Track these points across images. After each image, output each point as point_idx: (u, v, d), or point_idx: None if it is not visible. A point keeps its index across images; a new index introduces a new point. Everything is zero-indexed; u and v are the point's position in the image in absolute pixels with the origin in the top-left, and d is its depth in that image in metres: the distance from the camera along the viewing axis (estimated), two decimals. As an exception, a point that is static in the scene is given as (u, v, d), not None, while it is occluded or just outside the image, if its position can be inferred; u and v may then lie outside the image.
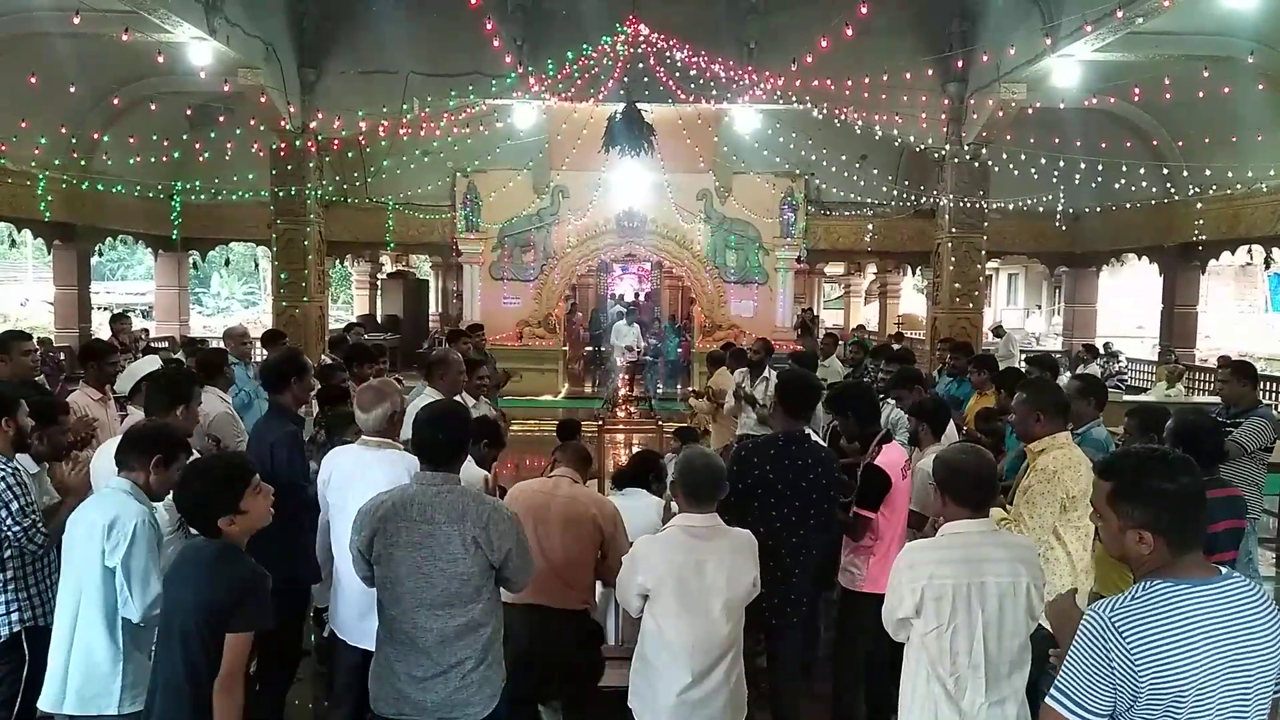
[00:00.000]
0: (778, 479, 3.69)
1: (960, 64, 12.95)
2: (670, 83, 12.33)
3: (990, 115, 12.64)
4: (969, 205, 13.54)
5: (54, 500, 3.73)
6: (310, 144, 13.50)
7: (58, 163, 12.50)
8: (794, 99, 12.56)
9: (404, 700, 2.87)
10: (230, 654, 2.50)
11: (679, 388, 15.75)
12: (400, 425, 3.55)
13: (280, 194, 13.50)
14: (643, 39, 12.06)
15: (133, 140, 12.85)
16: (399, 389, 3.80)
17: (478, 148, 14.46)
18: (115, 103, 12.92)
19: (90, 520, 2.89)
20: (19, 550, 3.35)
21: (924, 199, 14.50)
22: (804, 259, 15.97)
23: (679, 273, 15.94)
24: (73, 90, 11.27)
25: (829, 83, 11.94)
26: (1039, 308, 26.99)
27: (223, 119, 13.00)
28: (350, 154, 14.33)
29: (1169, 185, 13.64)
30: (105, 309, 21.77)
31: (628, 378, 15.97)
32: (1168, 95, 11.49)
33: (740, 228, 15.30)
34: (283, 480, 3.35)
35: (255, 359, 8.54)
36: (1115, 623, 1.87)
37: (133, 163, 13.34)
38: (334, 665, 3.66)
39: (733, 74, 12.40)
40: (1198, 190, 13.18)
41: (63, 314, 14.40)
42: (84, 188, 12.99)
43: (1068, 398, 4.04)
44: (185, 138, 13.74)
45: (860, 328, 18.17)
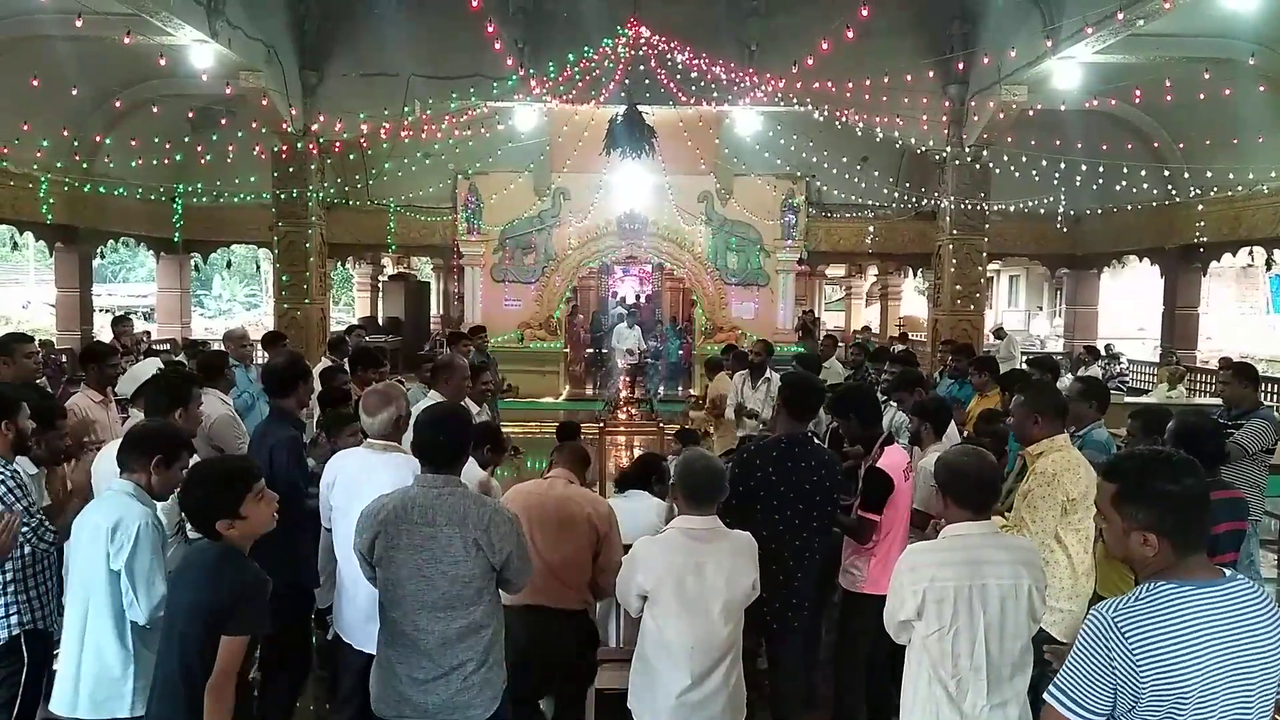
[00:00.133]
0: (780, 481, 3.68)
1: (961, 66, 12.94)
2: (671, 85, 12.33)
3: (991, 117, 12.64)
4: (970, 207, 13.54)
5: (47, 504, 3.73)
6: (312, 146, 13.52)
7: (59, 165, 12.52)
8: (795, 101, 12.56)
9: (405, 702, 2.87)
10: (224, 656, 2.49)
11: (680, 389, 15.75)
12: (405, 428, 3.55)
13: (282, 196, 13.52)
14: (644, 41, 12.05)
15: (134, 143, 12.86)
16: (404, 393, 3.80)
17: (479, 150, 14.47)
18: (117, 105, 12.93)
19: (94, 523, 2.89)
20: (23, 549, 3.33)
21: (925, 201, 14.49)
22: (805, 261, 15.97)
23: (680, 275, 15.93)
24: (74, 93, 11.30)
25: (830, 85, 11.95)
26: (1040, 309, 26.95)
27: (224, 121, 13.00)
28: (351, 156, 14.34)
29: (1170, 187, 13.64)
30: (107, 311, 21.76)
31: (629, 380, 15.97)
32: (1169, 97, 11.49)
33: (741, 230, 15.29)
34: (283, 485, 3.35)
35: (256, 361, 8.54)
36: (1118, 623, 1.87)
37: (134, 165, 13.37)
38: (338, 668, 3.65)
39: (733, 76, 12.40)
40: (1199, 192, 13.18)
41: (64, 316, 14.40)
42: (86, 190, 13.01)
43: (1066, 400, 4.03)
44: (187, 140, 13.75)
45: (866, 329, 18.19)
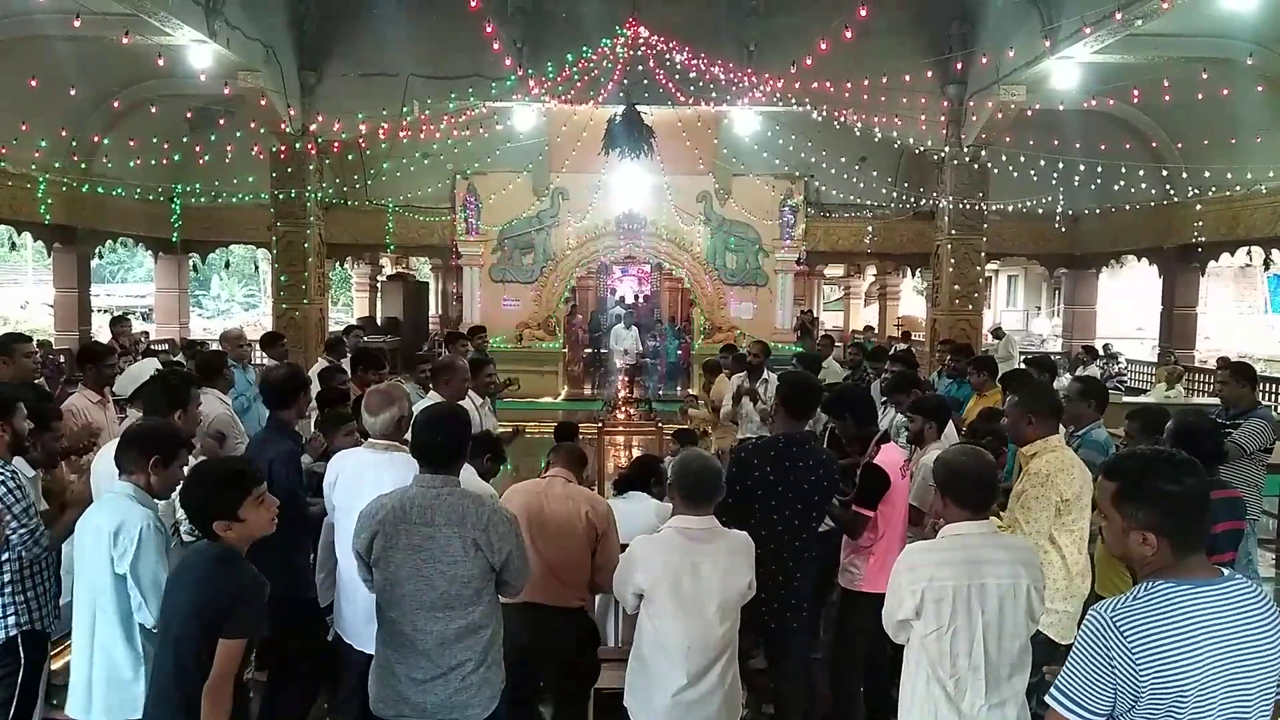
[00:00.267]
0: (778, 481, 3.67)
1: (960, 66, 12.95)
2: (670, 85, 12.32)
3: (990, 117, 12.64)
4: (968, 207, 13.54)
5: (43, 508, 3.71)
6: (310, 146, 13.51)
7: (58, 165, 12.52)
8: (793, 101, 12.56)
9: (404, 702, 2.87)
10: (221, 660, 2.48)
11: (678, 390, 15.75)
12: (407, 429, 3.55)
13: (280, 196, 13.51)
14: (642, 41, 12.05)
15: (133, 143, 12.86)
16: (406, 393, 3.80)
17: (477, 150, 14.46)
18: (115, 105, 12.93)
19: (96, 527, 2.88)
20: (19, 554, 3.32)
21: (923, 201, 14.50)
22: (803, 261, 15.97)
23: (679, 275, 15.94)
24: (73, 93, 11.30)
25: (829, 85, 11.96)
26: (1038, 309, 26.96)
27: (223, 121, 12.99)
28: (350, 156, 14.33)
29: (1168, 187, 13.65)
30: (105, 311, 21.74)
31: (627, 380, 15.96)
32: (1167, 97, 11.49)
33: (740, 230, 15.28)
34: (283, 497, 3.34)
35: (255, 362, 8.52)
36: (1117, 623, 1.87)
37: (133, 165, 13.37)
38: (338, 668, 3.64)
39: (732, 76, 12.39)
40: (1197, 192, 13.19)
41: (63, 316, 14.40)
42: (84, 190, 13.01)
43: (1061, 400, 4.03)
44: (185, 140, 13.75)
45: (868, 328, 18.20)
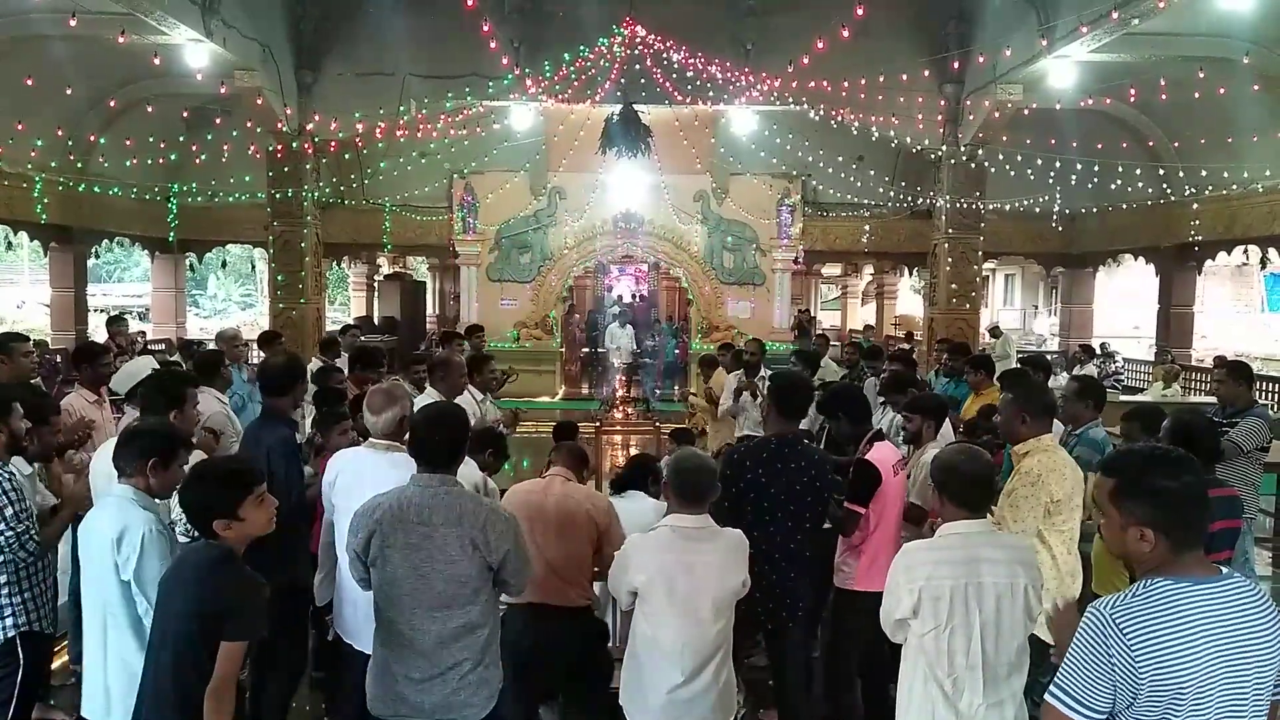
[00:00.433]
0: (770, 482, 3.68)
1: (956, 65, 12.95)
2: (667, 84, 12.32)
3: (986, 116, 12.64)
4: (965, 206, 13.54)
5: (46, 501, 3.71)
6: (307, 146, 13.48)
7: (54, 165, 12.50)
8: (791, 100, 12.56)
9: (401, 702, 2.86)
10: (224, 662, 2.47)
11: (676, 389, 15.75)
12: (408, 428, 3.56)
13: (277, 196, 13.48)
14: (639, 40, 12.04)
15: (129, 142, 12.83)
16: (409, 393, 3.79)
17: (475, 149, 14.46)
18: (112, 105, 12.90)
19: (100, 532, 2.86)
20: (10, 556, 3.32)
21: (920, 200, 14.51)
22: (801, 260, 15.97)
23: (676, 274, 15.95)
24: (69, 92, 11.28)
25: (826, 84, 11.96)
26: (1036, 308, 26.98)
27: (219, 121, 12.96)
28: (347, 156, 14.30)
29: (1165, 186, 13.66)
30: (102, 311, 21.68)
31: (624, 379, 15.96)
32: (1163, 96, 11.51)
33: (737, 229, 15.29)
34: (279, 485, 3.35)
35: (250, 361, 8.50)
36: (1116, 619, 1.87)
37: (129, 165, 13.35)
38: (339, 669, 3.64)
39: (729, 75, 12.39)
40: (1194, 191, 13.19)
41: (59, 316, 14.37)
42: (80, 190, 12.97)
43: (1062, 399, 4.03)
44: (182, 140, 13.73)
45: (867, 327, 18.20)
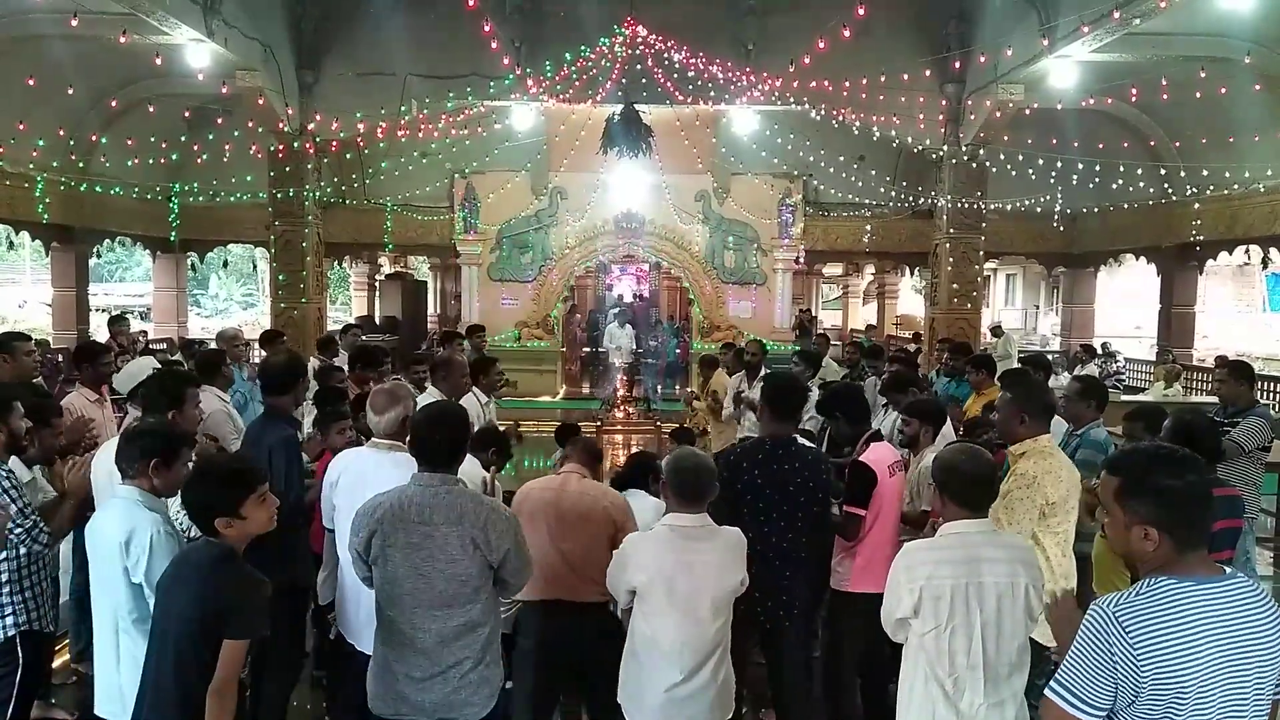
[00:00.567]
0: (766, 484, 3.69)
1: (958, 65, 12.94)
2: (668, 84, 12.30)
3: (988, 116, 12.63)
4: (967, 206, 13.53)
5: (48, 496, 3.71)
6: (308, 145, 13.48)
7: (55, 164, 12.50)
8: (792, 100, 12.54)
9: (402, 700, 2.87)
10: (226, 661, 2.47)
11: (677, 389, 15.74)
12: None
13: (278, 195, 13.48)
14: (640, 40, 12.03)
15: (131, 142, 12.84)
16: (412, 392, 3.79)
17: (476, 149, 14.45)
18: (113, 105, 12.90)
19: (107, 535, 2.86)
20: (18, 551, 3.32)
21: (922, 199, 14.49)
22: (802, 260, 15.96)
23: (677, 274, 15.94)
24: (70, 92, 11.28)
25: (827, 84, 11.94)
26: (1037, 308, 26.96)
27: (221, 121, 12.96)
28: (348, 155, 14.29)
29: (1166, 186, 13.65)
30: (103, 311, 21.73)
31: (625, 379, 15.94)
32: (1165, 96, 11.50)
33: (738, 229, 15.28)
34: (281, 483, 3.35)
35: (251, 361, 8.51)
36: (1119, 617, 1.87)
37: (131, 164, 13.34)
38: (340, 668, 3.64)
39: (731, 75, 12.38)
40: (1195, 191, 13.19)
41: (61, 316, 14.38)
42: (82, 189, 12.97)
43: (1055, 399, 4.02)
44: (183, 139, 13.72)
45: (870, 327, 18.18)
